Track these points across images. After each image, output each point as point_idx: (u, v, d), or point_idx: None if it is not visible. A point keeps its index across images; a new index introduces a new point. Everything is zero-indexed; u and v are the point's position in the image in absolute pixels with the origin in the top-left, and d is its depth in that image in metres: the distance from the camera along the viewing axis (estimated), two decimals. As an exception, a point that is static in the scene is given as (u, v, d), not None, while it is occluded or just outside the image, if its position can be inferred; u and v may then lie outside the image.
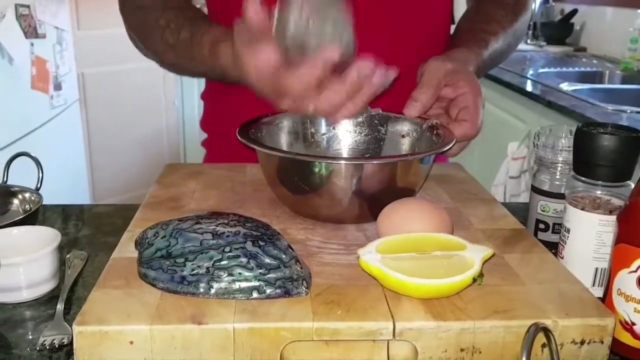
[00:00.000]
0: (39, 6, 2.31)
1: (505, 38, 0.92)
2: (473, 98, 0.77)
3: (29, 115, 2.27)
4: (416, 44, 0.91)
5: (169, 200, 0.76)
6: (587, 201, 0.61)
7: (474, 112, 0.76)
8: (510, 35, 0.93)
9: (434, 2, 0.95)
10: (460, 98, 0.77)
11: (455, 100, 0.77)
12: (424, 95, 0.76)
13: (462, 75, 0.78)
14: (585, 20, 2.97)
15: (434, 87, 0.76)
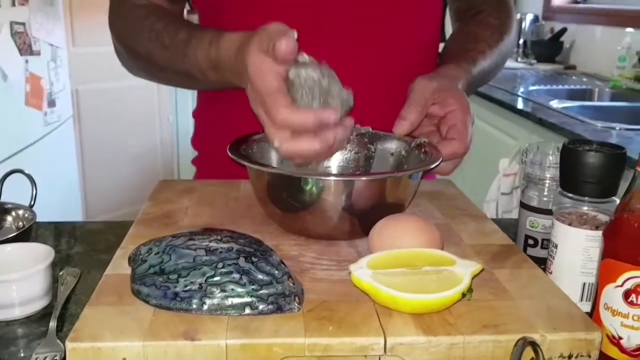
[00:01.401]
0: (35, 24, 2.32)
1: (492, 57, 0.94)
2: (461, 116, 0.78)
3: (23, 131, 2.27)
4: (405, 63, 0.93)
5: (163, 217, 0.76)
6: (574, 217, 0.62)
7: (462, 130, 0.77)
8: (496, 55, 0.95)
9: (423, 21, 0.96)
10: (449, 116, 0.78)
11: (445, 118, 0.79)
12: (412, 114, 0.77)
13: (450, 92, 0.79)
14: (574, 38, 3.01)
15: (421, 106, 0.78)
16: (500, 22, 0.98)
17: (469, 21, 1.01)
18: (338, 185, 0.66)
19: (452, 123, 0.78)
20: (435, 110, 0.79)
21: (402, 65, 0.92)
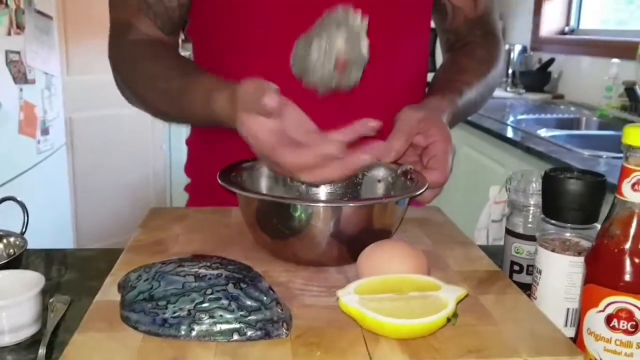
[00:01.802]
0: (30, 52, 2.34)
1: (478, 88, 0.96)
2: (442, 146, 0.80)
3: (16, 159, 2.28)
4: (393, 93, 0.95)
5: (153, 244, 0.77)
6: (557, 243, 0.63)
7: (442, 161, 0.80)
8: (483, 86, 0.97)
9: (411, 53, 0.99)
10: (431, 146, 0.80)
11: (427, 149, 0.81)
12: (397, 142, 0.79)
13: (433, 124, 0.82)
14: (562, 69, 3.06)
15: (406, 134, 0.80)
16: (488, 54, 1.01)
17: (457, 52, 1.04)
18: (326, 211, 0.67)
19: (433, 154, 0.80)
20: (419, 141, 0.81)
21: (390, 96, 0.94)
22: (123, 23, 0.92)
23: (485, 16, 1.03)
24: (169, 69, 0.85)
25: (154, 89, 0.86)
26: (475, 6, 1.02)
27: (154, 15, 0.90)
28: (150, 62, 0.87)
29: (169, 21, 0.92)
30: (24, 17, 2.30)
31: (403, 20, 0.96)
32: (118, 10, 0.93)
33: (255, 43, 0.91)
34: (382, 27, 0.93)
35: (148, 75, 0.86)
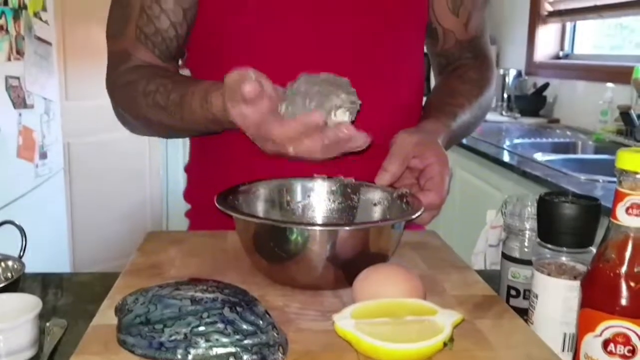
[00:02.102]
0: (29, 77, 2.36)
1: (472, 110, 0.97)
2: (439, 169, 0.81)
3: (14, 183, 2.28)
4: (389, 114, 0.96)
5: (150, 268, 0.77)
6: (553, 267, 0.63)
7: (439, 183, 0.81)
8: (476, 108, 0.98)
9: (406, 78, 1.00)
10: (428, 169, 0.81)
11: (424, 171, 0.82)
12: (393, 165, 0.80)
13: (429, 147, 0.83)
14: (557, 93, 3.08)
15: (402, 158, 0.81)
16: (480, 76, 1.02)
17: (449, 75, 1.05)
18: (323, 234, 0.68)
19: (430, 176, 0.81)
20: (416, 164, 0.82)
21: (386, 121, 0.95)
22: (121, 53, 0.93)
23: (476, 39, 1.05)
24: (165, 85, 0.86)
25: (153, 106, 0.87)
26: (466, 29, 1.03)
27: (152, 45, 0.92)
28: (145, 81, 0.88)
29: (167, 50, 0.93)
30: (24, 43, 2.32)
31: (397, 45, 0.97)
32: (115, 41, 0.94)
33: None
34: (376, 52, 0.95)
35: (145, 94, 0.87)
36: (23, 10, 2.30)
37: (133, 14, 0.91)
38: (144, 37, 0.91)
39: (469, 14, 1.03)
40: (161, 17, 0.91)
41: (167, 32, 0.91)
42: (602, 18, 2.82)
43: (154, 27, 0.91)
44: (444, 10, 1.02)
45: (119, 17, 0.93)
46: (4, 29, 2.16)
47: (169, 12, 0.91)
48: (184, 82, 0.86)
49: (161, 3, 0.90)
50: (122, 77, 0.92)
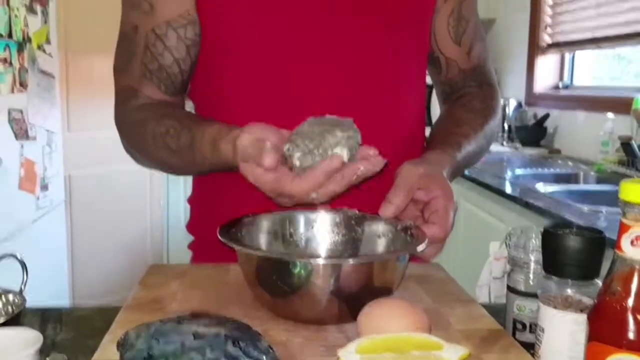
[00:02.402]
0: (31, 109, 2.38)
1: (477, 140, 0.97)
2: (444, 202, 0.81)
3: (15, 215, 2.28)
4: (391, 146, 0.96)
5: (152, 302, 0.76)
6: (559, 300, 0.62)
7: (443, 216, 0.80)
8: (481, 137, 0.99)
9: (408, 108, 1.00)
10: (433, 202, 0.81)
11: (429, 204, 0.81)
12: (397, 198, 0.80)
13: (434, 179, 0.82)
14: (557, 123, 3.09)
15: (406, 190, 0.81)
16: (485, 105, 1.03)
17: (453, 104, 1.05)
18: (326, 268, 0.67)
19: (434, 209, 0.80)
20: (421, 196, 0.82)
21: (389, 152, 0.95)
22: (128, 89, 0.94)
23: (480, 67, 1.06)
24: (174, 127, 0.87)
25: (163, 148, 0.88)
26: (469, 58, 1.04)
27: (158, 80, 0.93)
28: (155, 122, 0.89)
29: (172, 85, 0.95)
30: (28, 76, 2.34)
31: (398, 76, 0.98)
32: (122, 78, 0.96)
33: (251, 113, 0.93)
34: (377, 83, 0.95)
35: (154, 136, 0.89)
36: (27, 43, 2.33)
37: (138, 50, 0.92)
38: (149, 73, 0.93)
39: (471, 42, 1.04)
40: (165, 53, 0.92)
41: (170, 68, 0.93)
42: (600, 49, 2.84)
43: (158, 63, 0.93)
44: (446, 40, 1.03)
45: (125, 53, 0.95)
46: (7, 61, 2.19)
47: (172, 49, 0.92)
48: (192, 123, 0.87)
49: (164, 40, 0.92)
50: (130, 115, 0.93)
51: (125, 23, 0.94)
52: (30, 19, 2.35)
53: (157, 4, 0.91)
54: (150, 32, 0.92)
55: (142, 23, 0.92)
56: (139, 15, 0.92)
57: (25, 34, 2.31)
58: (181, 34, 0.92)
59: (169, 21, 0.91)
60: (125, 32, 0.94)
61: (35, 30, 2.41)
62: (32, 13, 2.38)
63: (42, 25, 2.47)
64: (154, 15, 0.91)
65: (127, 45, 0.94)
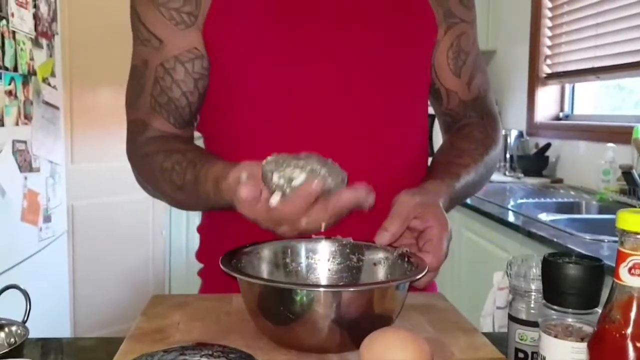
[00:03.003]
0: (35, 141, 2.39)
1: (477, 170, 0.98)
2: (438, 232, 0.82)
3: (17, 247, 2.28)
4: (392, 175, 0.97)
5: (154, 332, 0.76)
6: (560, 329, 0.63)
7: (437, 245, 0.81)
8: (482, 167, 1.00)
9: (410, 138, 1.02)
10: (427, 231, 0.82)
11: (423, 233, 0.83)
12: (393, 226, 0.82)
13: (430, 209, 0.84)
14: (559, 153, 3.11)
15: (402, 218, 0.82)
16: (485, 135, 1.04)
17: (454, 134, 1.07)
18: (327, 296, 0.68)
19: (429, 237, 0.82)
20: (416, 224, 0.83)
21: (391, 183, 0.96)
22: (138, 123, 0.97)
23: (480, 98, 1.07)
24: (180, 163, 0.89)
25: (170, 184, 0.90)
26: (469, 89, 1.06)
27: (167, 113, 0.96)
28: (162, 157, 0.91)
29: (181, 117, 0.97)
30: (32, 108, 2.37)
31: (401, 108, 0.99)
32: (133, 112, 0.98)
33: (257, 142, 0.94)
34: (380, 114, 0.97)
35: (162, 170, 0.91)
36: (32, 76, 2.36)
37: (148, 84, 0.95)
38: (159, 106, 0.95)
39: (470, 74, 1.05)
40: (173, 87, 0.95)
41: (179, 100, 0.95)
42: (599, 80, 2.87)
43: (167, 96, 0.95)
44: (446, 72, 1.04)
45: (136, 87, 0.97)
46: (13, 94, 2.21)
47: (179, 82, 0.95)
48: (198, 160, 0.88)
49: (172, 74, 0.94)
50: (141, 149, 0.96)
51: (136, 58, 0.97)
52: (35, 53, 2.39)
53: (166, 40, 0.94)
54: (159, 66, 0.94)
55: (152, 58, 0.95)
56: (148, 50, 0.95)
57: (30, 67, 2.34)
58: (189, 68, 0.94)
59: (177, 56, 0.94)
60: (135, 66, 0.97)
61: (41, 64, 2.44)
62: (38, 47, 2.41)
63: (47, 59, 2.51)
64: (163, 51, 0.94)
65: (137, 80, 0.97)
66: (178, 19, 0.93)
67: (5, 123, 2.16)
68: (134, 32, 0.97)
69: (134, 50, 0.98)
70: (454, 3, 1.03)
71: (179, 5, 0.93)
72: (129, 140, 0.99)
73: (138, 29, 0.96)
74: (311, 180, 0.68)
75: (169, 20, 0.93)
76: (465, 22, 1.04)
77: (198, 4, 0.93)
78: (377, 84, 0.96)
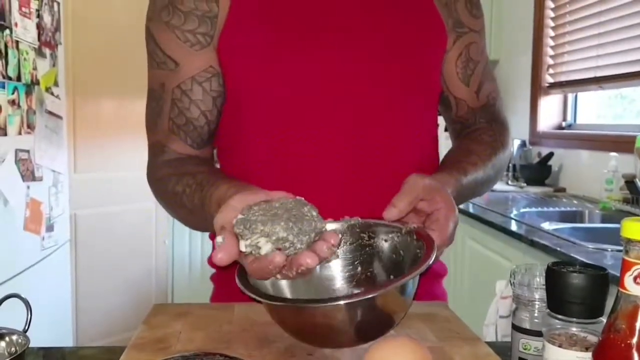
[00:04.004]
0: (38, 150, 2.40)
1: (484, 169, 0.99)
2: (445, 212, 0.82)
3: (19, 256, 2.28)
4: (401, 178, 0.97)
5: (156, 341, 0.76)
6: (564, 338, 0.62)
7: (443, 224, 0.81)
8: (489, 168, 1.00)
9: (419, 147, 1.02)
10: (435, 213, 0.83)
11: (431, 215, 0.83)
12: (402, 202, 0.82)
13: (439, 192, 0.84)
14: (562, 162, 3.10)
15: (411, 196, 0.82)
16: (494, 139, 1.05)
17: (464, 138, 1.08)
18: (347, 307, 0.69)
19: (435, 218, 0.82)
20: (424, 207, 0.83)
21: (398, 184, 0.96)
22: (157, 145, 0.98)
23: (489, 106, 1.08)
24: (190, 186, 0.89)
25: (180, 206, 0.90)
26: (477, 97, 1.07)
27: (185, 135, 0.96)
28: (175, 180, 0.91)
29: (199, 137, 0.97)
30: (35, 117, 2.37)
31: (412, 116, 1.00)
32: (152, 135, 0.99)
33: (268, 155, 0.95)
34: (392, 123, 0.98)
35: (174, 194, 0.91)
36: (35, 86, 2.37)
37: (165, 107, 0.96)
38: (177, 127, 0.95)
39: (479, 83, 1.07)
40: (191, 107, 0.95)
41: (197, 120, 0.95)
42: (602, 89, 2.87)
43: (185, 118, 0.95)
44: (455, 81, 1.05)
45: (154, 110, 0.98)
46: (16, 103, 2.22)
47: (198, 102, 0.95)
48: (205, 182, 0.87)
49: (190, 95, 0.94)
50: (158, 172, 0.96)
51: (153, 81, 0.98)
52: (39, 62, 2.39)
53: (182, 62, 0.94)
54: (176, 88, 0.95)
55: (169, 81, 0.95)
56: (165, 73, 0.95)
57: (33, 77, 2.35)
58: (206, 88, 0.95)
59: (194, 77, 0.94)
60: (152, 89, 0.98)
61: (44, 73, 2.45)
62: (41, 56, 2.42)
63: (50, 68, 2.52)
64: (180, 73, 0.94)
65: (155, 103, 0.97)
66: (193, 40, 0.93)
67: (8, 132, 2.16)
68: (149, 55, 0.97)
69: (150, 73, 0.98)
70: (463, 13, 1.04)
71: (194, 27, 0.93)
72: (148, 164, 1.00)
73: (154, 52, 0.96)
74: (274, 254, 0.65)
75: (184, 43, 0.93)
76: (474, 32, 1.05)
77: (213, 24, 0.93)
78: (389, 93, 0.97)
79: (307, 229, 0.67)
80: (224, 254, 0.67)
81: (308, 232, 0.66)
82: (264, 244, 0.65)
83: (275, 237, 0.65)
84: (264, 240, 0.65)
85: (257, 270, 0.67)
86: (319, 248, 0.66)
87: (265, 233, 0.65)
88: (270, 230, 0.65)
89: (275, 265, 0.65)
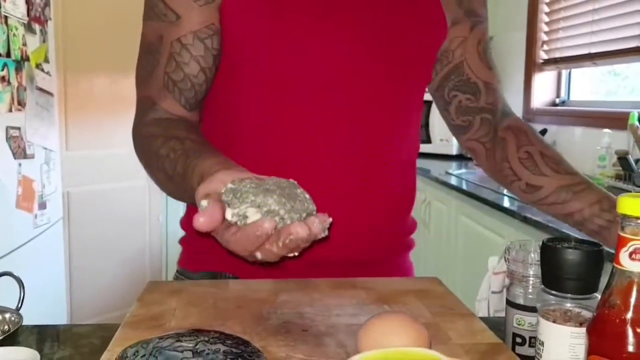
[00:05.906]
0: (30, 128, 2.38)
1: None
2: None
3: (12, 234, 2.27)
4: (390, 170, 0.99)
5: (150, 319, 0.76)
6: (558, 314, 0.62)
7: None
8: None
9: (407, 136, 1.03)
10: None
11: None
12: None
13: None
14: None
15: None
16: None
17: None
18: None
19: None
20: None
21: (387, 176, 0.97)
22: (147, 100, 0.94)
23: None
24: (175, 151, 0.85)
25: (162, 171, 0.87)
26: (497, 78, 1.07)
27: (179, 93, 0.92)
28: (161, 141, 0.88)
29: (194, 97, 0.94)
30: (26, 94, 2.35)
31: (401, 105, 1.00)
32: (143, 89, 0.95)
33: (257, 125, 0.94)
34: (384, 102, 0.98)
35: (158, 156, 0.87)
36: (25, 62, 2.34)
37: (162, 60, 0.92)
38: (172, 83, 0.92)
39: (494, 64, 1.07)
40: (191, 63, 0.91)
41: (196, 77, 0.92)
42: (596, 66, 2.86)
43: (183, 73, 0.92)
44: (480, 66, 1.04)
45: (148, 63, 0.94)
46: (6, 80, 2.19)
47: (199, 58, 0.92)
48: (192, 152, 0.84)
49: (191, 50, 0.91)
50: (145, 129, 0.92)
51: (149, 33, 0.94)
52: (28, 38, 2.36)
53: (184, 15, 0.90)
54: (175, 41, 0.91)
55: (168, 33, 0.91)
56: (164, 25, 0.91)
57: (23, 53, 2.32)
58: (208, 44, 0.92)
59: (196, 32, 0.91)
60: (149, 42, 0.94)
61: (34, 49, 2.42)
62: (31, 32, 2.39)
63: (40, 44, 2.48)
64: (180, 26, 0.91)
65: (150, 56, 0.93)
66: None
67: (-1, 109, 2.15)
68: (147, 6, 0.94)
69: (146, 26, 0.94)
70: (476, 3, 1.05)
71: None
72: (136, 117, 0.95)
73: (154, 3, 0.92)
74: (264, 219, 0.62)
75: None
76: (485, 20, 1.07)
77: None
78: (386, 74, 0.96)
79: (300, 207, 0.64)
80: (206, 219, 0.63)
81: (300, 211, 0.64)
82: (253, 214, 0.62)
83: (267, 208, 0.62)
84: (253, 210, 0.62)
85: (239, 241, 0.63)
86: (310, 221, 0.63)
87: (256, 204, 0.62)
88: (262, 202, 0.62)
89: (262, 231, 0.61)
